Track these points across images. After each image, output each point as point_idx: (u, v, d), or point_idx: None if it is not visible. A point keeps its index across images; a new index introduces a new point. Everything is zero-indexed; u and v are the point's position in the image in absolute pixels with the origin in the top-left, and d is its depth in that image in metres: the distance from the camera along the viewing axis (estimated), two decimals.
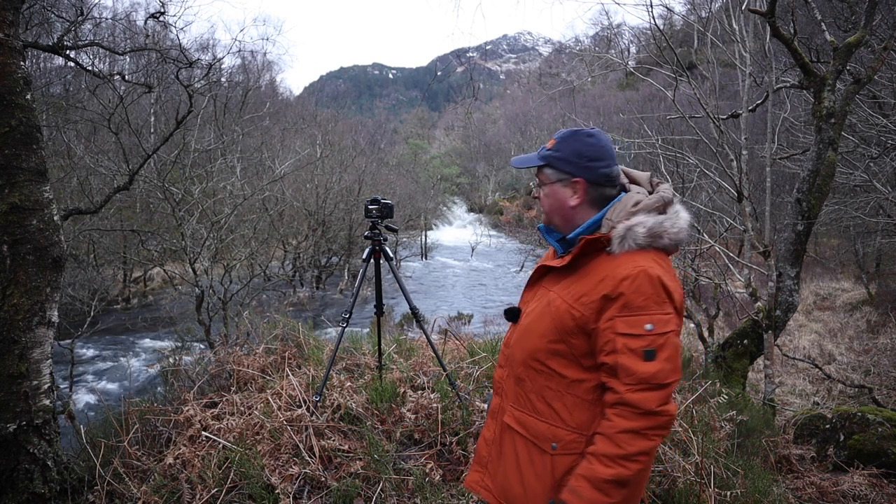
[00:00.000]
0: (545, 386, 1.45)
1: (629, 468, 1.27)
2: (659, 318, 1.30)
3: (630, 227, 1.36)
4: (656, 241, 1.36)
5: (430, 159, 58.15)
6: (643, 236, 1.35)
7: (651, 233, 1.36)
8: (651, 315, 1.30)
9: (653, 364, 1.28)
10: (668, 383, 1.29)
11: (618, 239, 1.36)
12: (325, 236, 18.74)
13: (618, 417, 1.30)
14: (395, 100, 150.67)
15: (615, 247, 1.36)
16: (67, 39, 5.37)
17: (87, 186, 11.70)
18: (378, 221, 3.15)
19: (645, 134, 6.94)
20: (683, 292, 1.37)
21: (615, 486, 1.28)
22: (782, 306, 4.77)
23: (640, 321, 1.30)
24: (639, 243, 1.35)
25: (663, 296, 1.31)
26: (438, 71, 60.03)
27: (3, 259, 2.30)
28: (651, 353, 1.29)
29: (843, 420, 3.85)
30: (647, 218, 1.38)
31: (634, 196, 1.44)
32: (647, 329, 1.29)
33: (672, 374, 1.30)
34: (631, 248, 1.35)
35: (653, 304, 1.30)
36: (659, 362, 1.29)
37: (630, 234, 1.35)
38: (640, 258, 1.34)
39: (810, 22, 5.92)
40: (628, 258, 1.34)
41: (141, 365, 9.90)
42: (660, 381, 1.28)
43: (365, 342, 4.34)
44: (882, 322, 11.67)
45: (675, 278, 1.36)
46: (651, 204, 1.41)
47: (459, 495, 2.50)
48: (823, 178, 4.54)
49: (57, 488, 2.40)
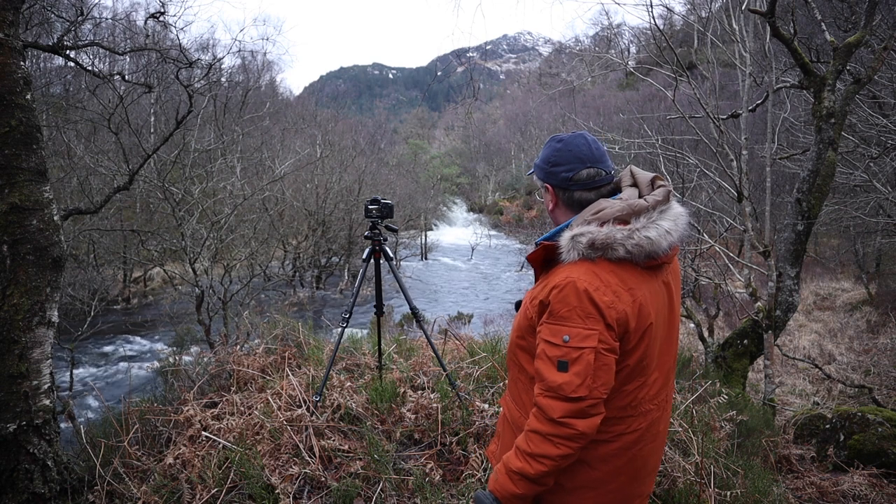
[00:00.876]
0: (517, 377, 1.54)
1: (532, 467, 1.31)
2: (578, 331, 1.29)
3: (573, 236, 1.35)
4: (608, 253, 1.33)
5: (430, 159, 58.16)
6: (584, 247, 1.33)
7: (594, 244, 1.32)
8: (570, 327, 1.30)
9: (562, 375, 1.29)
10: (575, 398, 1.28)
11: (565, 248, 1.36)
12: (325, 236, 18.75)
13: (532, 417, 1.35)
14: (395, 100, 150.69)
15: (564, 255, 1.36)
16: (67, 39, 5.38)
17: (87, 186, 11.71)
18: (378, 221, 3.15)
19: (645, 134, 6.94)
20: (625, 308, 1.30)
21: (521, 478, 1.34)
22: (782, 306, 4.78)
23: (560, 331, 1.31)
24: (582, 254, 1.34)
25: (590, 309, 1.29)
26: (438, 71, 60.25)
27: (3, 259, 2.31)
28: (564, 364, 1.29)
29: (843, 420, 3.85)
30: (594, 229, 1.34)
31: (602, 203, 1.40)
32: (564, 340, 1.29)
33: (580, 390, 1.27)
34: (576, 258, 1.34)
35: (575, 316, 1.29)
36: (569, 375, 1.28)
37: (573, 244, 1.35)
38: (576, 269, 1.33)
39: (810, 22, 5.92)
40: (566, 268, 1.35)
41: (141, 365, 9.90)
42: (565, 394, 1.28)
43: (365, 342, 4.33)
44: (882, 322, 11.67)
45: (614, 292, 1.30)
46: (611, 213, 1.36)
47: (459, 495, 2.50)
48: (823, 178, 4.54)
49: (57, 488, 2.40)
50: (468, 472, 2.61)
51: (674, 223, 1.38)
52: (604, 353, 1.29)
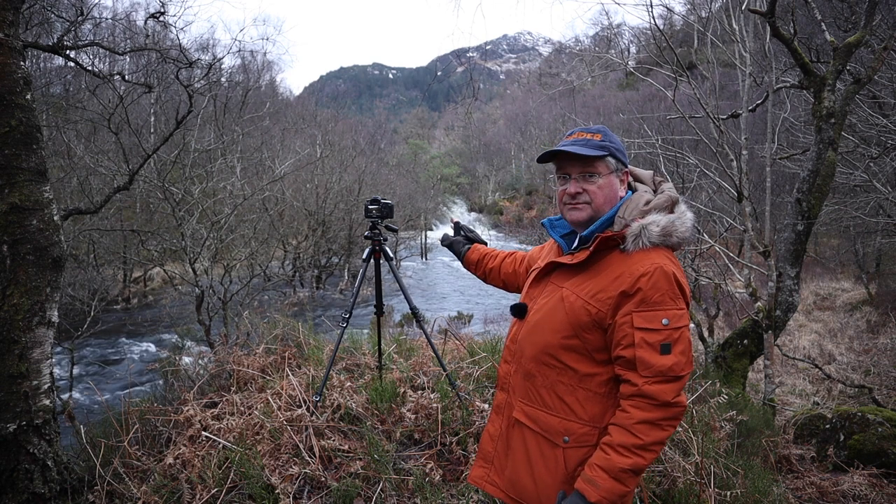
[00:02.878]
0: (557, 381, 1.47)
1: (645, 458, 1.32)
2: (674, 313, 1.35)
3: (645, 225, 1.40)
4: (667, 240, 1.40)
5: (430, 159, 58.15)
6: (657, 235, 1.39)
7: (664, 231, 1.40)
8: (667, 310, 1.35)
9: (669, 357, 1.33)
10: (682, 375, 1.35)
11: (632, 237, 1.40)
12: (325, 236, 18.75)
13: (635, 409, 1.34)
14: (395, 100, 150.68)
15: (629, 244, 1.40)
16: (67, 39, 5.37)
17: (87, 186, 11.71)
18: (378, 221, 3.15)
19: (645, 134, 6.94)
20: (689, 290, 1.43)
21: (632, 474, 1.32)
22: (782, 306, 4.77)
23: (658, 316, 1.34)
24: (653, 241, 1.39)
25: (678, 291, 1.37)
26: (438, 71, 60.32)
27: (3, 259, 2.30)
28: (667, 346, 1.34)
29: (843, 420, 3.85)
30: (659, 216, 1.42)
31: (644, 195, 1.49)
32: (664, 324, 1.34)
33: (687, 367, 1.35)
34: (644, 245, 1.39)
35: (668, 299, 1.35)
36: (675, 355, 1.34)
37: (645, 233, 1.39)
38: (655, 256, 1.38)
39: (810, 22, 5.92)
40: (644, 255, 1.39)
41: (141, 365, 9.90)
42: (676, 374, 1.34)
43: (365, 342, 4.33)
44: (882, 322, 11.67)
45: (684, 275, 1.41)
46: (661, 203, 1.46)
47: (459, 495, 2.50)
48: (823, 178, 4.54)
49: (57, 488, 2.40)
50: (468, 472, 2.61)
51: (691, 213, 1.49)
52: (688, 327, 1.38)
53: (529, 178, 50.59)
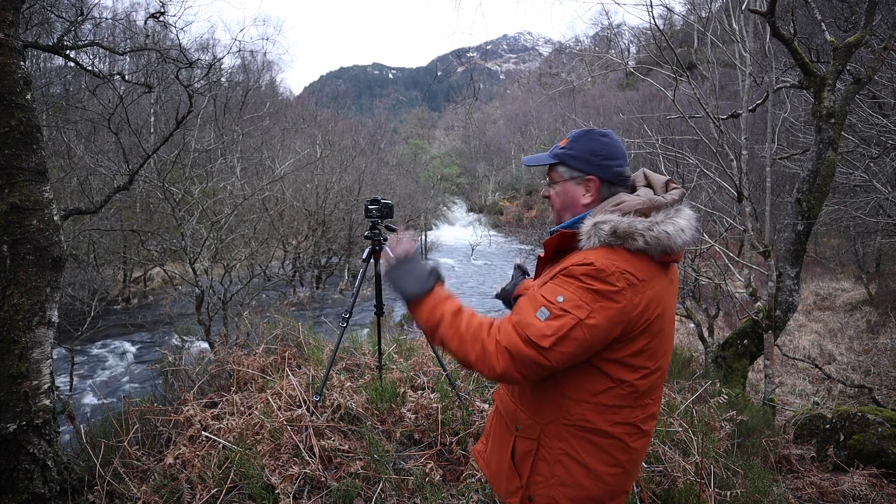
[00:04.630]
0: None
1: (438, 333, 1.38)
2: (575, 300, 1.28)
3: (596, 223, 1.35)
4: (627, 242, 1.32)
5: (430, 159, 58.14)
6: (606, 234, 1.33)
7: (616, 232, 1.32)
8: (567, 292, 1.29)
9: (539, 322, 1.27)
10: (535, 343, 1.26)
11: (585, 235, 1.36)
12: (325, 236, 18.74)
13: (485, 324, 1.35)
14: (395, 100, 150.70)
15: (583, 242, 1.36)
16: (67, 39, 5.37)
17: (87, 186, 11.71)
18: (378, 221, 3.15)
19: (645, 134, 6.94)
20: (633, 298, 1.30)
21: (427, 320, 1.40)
22: (782, 306, 4.77)
23: (556, 291, 1.30)
24: (602, 240, 1.33)
25: (596, 287, 1.28)
26: (438, 71, 60.36)
27: (3, 259, 2.30)
28: (545, 313, 1.28)
29: (843, 420, 3.85)
30: (616, 217, 1.35)
31: (622, 196, 1.43)
32: (558, 300, 1.28)
33: (544, 340, 1.25)
34: (594, 244, 1.34)
35: (577, 286, 1.28)
36: (545, 324, 1.27)
37: (594, 231, 1.35)
38: (593, 253, 1.32)
39: (810, 22, 5.92)
40: (584, 252, 1.34)
41: (141, 365, 9.90)
42: (529, 336, 1.26)
43: (365, 342, 4.34)
44: (882, 322, 11.67)
45: (627, 281, 1.31)
46: (632, 206, 1.38)
47: (459, 495, 2.50)
48: (823, 178, 4.54)
49: (57, 488, 2.40)
50: (468, 472, 2.62)
51: (687, 223, 1.39)
52: (584, 327, 1.26)
53: (529, 178, 50.59)
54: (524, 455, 1.45)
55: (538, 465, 1.42)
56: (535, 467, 1.43)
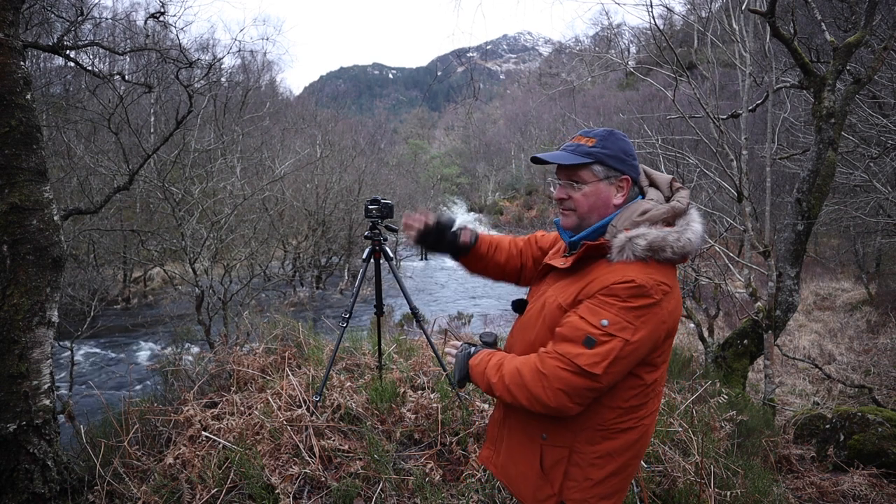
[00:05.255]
0: None
1: (497, 390, 1.41)
2: (620, 322, 1.27)
3: (630, 238, 1.34)
4: (657, 255, 1.33)
5: (430, 159, 58.18)
6: (642, 249, 1.32)
7: (651, 247, 1.32)
8: (612, 314, 1.28)
9: (585, 350, 1.28)
10: (588, 371, 1.26)
11: (617, 248, 1.34)
12: (325, 236, 18.74)
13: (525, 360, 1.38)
14: (395, 100, 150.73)
15: (614, 255, 1.35)
16: (67, 39, 5.37)
17: (87, 186, 11.70)
18: (378, 221, 3.15)
19: (645, 134, 6.94)
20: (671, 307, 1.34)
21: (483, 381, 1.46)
22: (782, 306, 4.77)
23: (600, 313, 1.29)
24: (637, 255, 1.33)
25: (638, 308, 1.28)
26: (438, 71, 60.38)
27: (3, 259, 2.30)
28: (591, 341, 1.28)
29: (843, 420, 3.85)
30: (649, 230, 1.34)
31: (644, 204, 1.41)
32: (602, 324, 1.28)
33: (597, 368, 1.26)
34: (629, 258, 1.33)
35: (620, 307, 1.28)
36: (592, 354, 1.27)
37: (629, 246, 1.33)
38: (634, 269, 1.31)
39: (810, 22, 5.92)
40: (624, 267, 1.32)
41: (141, 365, 9.90)
42: (579, 364, 1.27)
43: (365, 342, 4.33)
44: (882, 322, 11.67)
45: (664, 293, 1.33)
46: (658, 215, 1.38)
47: (459, 495, 2.50)
48: (823, 178, 4.54)
49: (57, 488, 2.40)
50: (468, 472, 2.61)
51: (701, 226, 1.41)
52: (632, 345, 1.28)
53: (529, 178, 50.60)
54: (555, 463, 1.42)
55: (571, 471, 1.41)
56: (567, 473, 1.41)
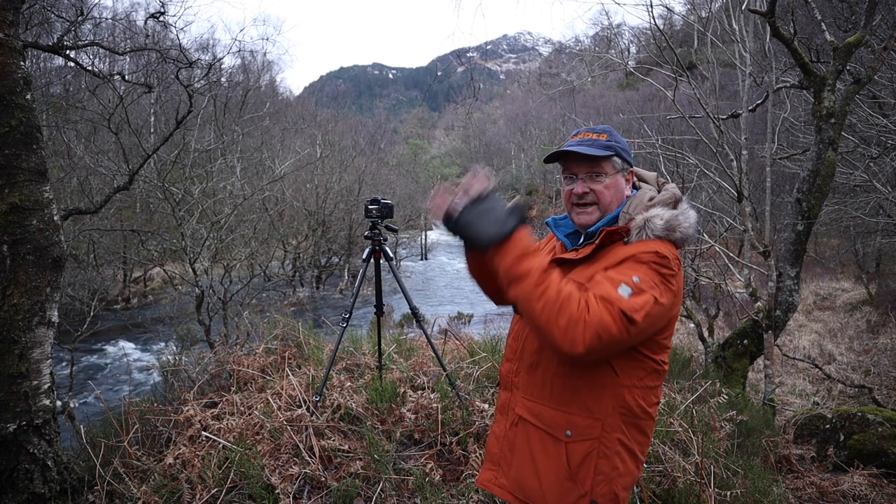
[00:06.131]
0: (559, 371, 1.43)
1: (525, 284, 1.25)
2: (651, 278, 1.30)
3: (649, 218, 1.41)
4: (671, 234, 1.40)
5: (430, 159, 58.22)
6: (661, 227, 1.39)
7: (668, 225, 1.39)
8: (643, 273, 1.30)
9: (625, 295, 1.25)
10: (629, 316, 1.22)
11: (636, 229, 1.40)
12: (325, 236, 18.75)
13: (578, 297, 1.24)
14: (395, 100, 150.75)
15: (633, 237, 1.41)
16: (67, 39, 5.37)
17: (87, 186, 11.72)
18: (378, 221, 3.15)
19: (645, 134, 6.94)
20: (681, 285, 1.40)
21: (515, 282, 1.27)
22: (782, 306, 4.77)
23: (629, 272, 1.30)
24: (656, 234, 1.39)
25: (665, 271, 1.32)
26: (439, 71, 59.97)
27: (3, 259, 2.30)
28: (627, 289, 1.26)
29: (843, 420, 3.85)
30: (663, 210, 1.43)
31: (648, 192, 1.51)
32: (634, 281, 1.28)
33: (638, 314, 1.23)
34: (647, 237, 1.39)
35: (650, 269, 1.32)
36: (632, 299, 1.25)
37: (648, 225, 1.40)
38: (654, 243, 1.38)
39: (810, 22, 5.92)
40: (643, 243, 1.38)
41: (141, 365, 9.90)
42: (622, 307, 1.22)
43: (365, 342, 4.33)
44: (882, 322, 11.66)
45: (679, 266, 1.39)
46: (665, 199, 1.48)
47: (459, 495, 2.50)
48: (823, 178, 4.54)
49: (57, 488, 2.40)
50: (468, 472, 2.62)
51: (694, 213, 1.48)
52: (659, 305, 1.29)
53: (529, 178, 50.61)
54: (583, 459, 1.38)
55: (600, 464, 1.38)
56: (597, 468, 1.38)
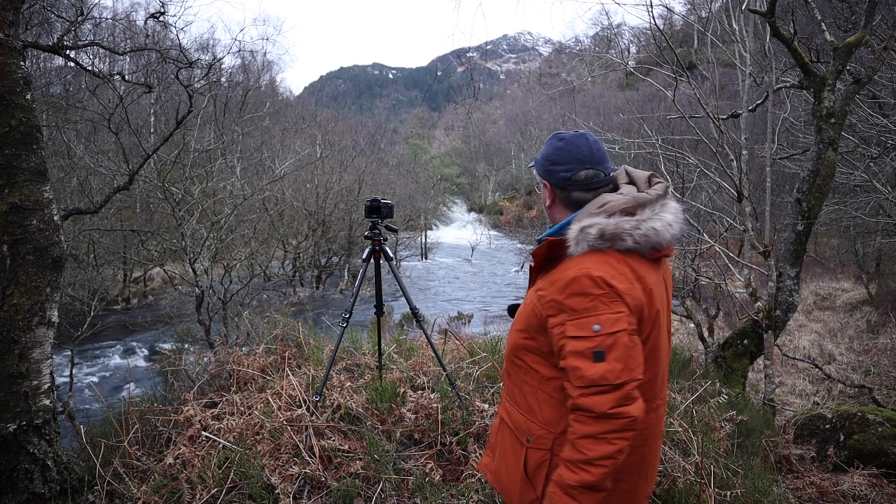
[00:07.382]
0: (523, 380, 1.49)
1: (593, 473, 1.26)
2: (607, 318, 1.27)
3: (582, 227, 1.35)
4: (616, 244, 1.33)
5: (430, 159, 58.22)
6: (594, 238, 1.33)
7: (604, 234, 1.33)
8: (599, 316, 1.28)
9: (602, 365, 1.25)
10: (620, 384, 1.25)
11: (573, 241, 1.35)
12: (325, 236, 18.75)
13: (576, 423, 1.28)
14: (395, 100, 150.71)
15: (572, 248, 1.35)
16: (67, 39, 5.37)
17: (87, 186, 11.72)
18: (378, 221, 3.15)
19: (645, 134, 6.94)
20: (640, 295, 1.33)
21: (582, 490, 1.27)
22: (782, 306, 4.77)
23: (588, 323, 1.28)
24: (591, 245, 1.33)
25: (612, 295, 1.28)
26: (438, 71, 59.83)
27: (3, 259, 2.30)
28: (600, 353, 1.26)
29: (843, 420, 3.85)
30: (602, 220, 1.35)
31: (606, 197, 1.41)
32: (595, 330, 1.27)
33: (624, 374, 1.25)
34: (585, 250, 1.34)
35: (600, 304, 1.28)
36: (609, 363, 1.26)
37: (582, 236, 1.34)
38: (587, 260, 1.32)
39: (810, 22, 5.92)
40: (578, 260, 1.33)
41: (141, 365, 9.90)
42: (611, 382, 1.25)
43: (365, 342, 4.33)
44: (882, 322, 11.66)
45: (628, 280, 1.32)
46: (617, 205, 1.37)
47: (459, 495, 2.50)
48: (823, 178, 4.54)
49: (57, 488, 2.40)
50: (468, 472, 2.62)
51: (674, 217, 1.40)
52: (633, 333, 1.28)
53: (529, 178, 50.54)
54: (537, 466, 1.43)
55: (552, 473, 1.40)
56: (549, 476, 1.40)
